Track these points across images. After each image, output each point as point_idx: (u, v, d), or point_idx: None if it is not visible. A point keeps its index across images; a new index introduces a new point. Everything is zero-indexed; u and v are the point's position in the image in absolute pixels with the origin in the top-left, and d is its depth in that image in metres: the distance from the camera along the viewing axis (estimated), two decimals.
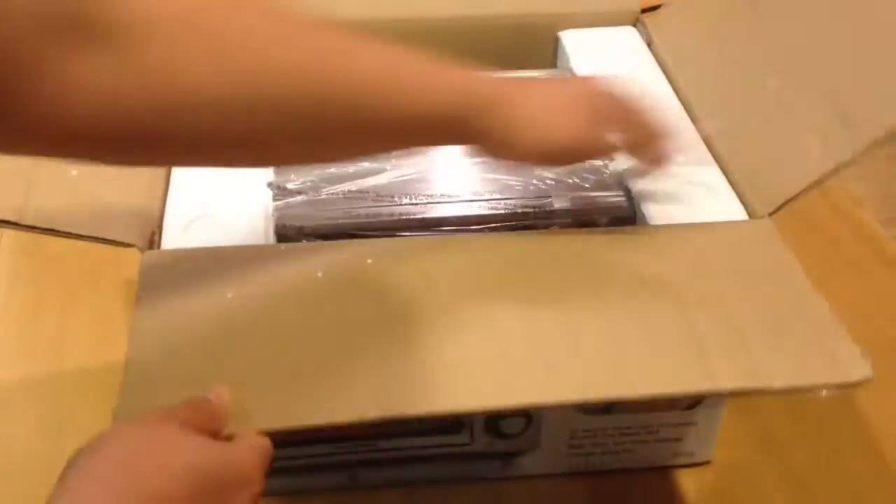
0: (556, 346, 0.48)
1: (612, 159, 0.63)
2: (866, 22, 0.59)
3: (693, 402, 0.59)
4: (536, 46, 0.83)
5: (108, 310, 0.72)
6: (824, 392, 0.47)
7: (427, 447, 0.60)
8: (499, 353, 0.48)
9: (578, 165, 0.65)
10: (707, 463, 0.62)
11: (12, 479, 0.60)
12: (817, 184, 0.56)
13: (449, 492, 0.60)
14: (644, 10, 0.81)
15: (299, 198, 0.62)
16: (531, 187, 0.63)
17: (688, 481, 0.62)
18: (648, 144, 0.56)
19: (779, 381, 0.47)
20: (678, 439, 0.61)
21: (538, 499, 0.61)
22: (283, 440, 0.59)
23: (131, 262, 0.53)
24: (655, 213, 0.60)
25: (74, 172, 0.58)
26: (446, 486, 0.61)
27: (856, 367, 0.47)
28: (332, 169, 0.64)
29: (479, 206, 0.62)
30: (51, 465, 0.64)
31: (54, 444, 0.62)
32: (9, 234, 0.61)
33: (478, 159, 0.66)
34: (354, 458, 0.60)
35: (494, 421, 0.58)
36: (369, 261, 0.53)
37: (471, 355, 0.48)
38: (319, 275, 0.52)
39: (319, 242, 0.58)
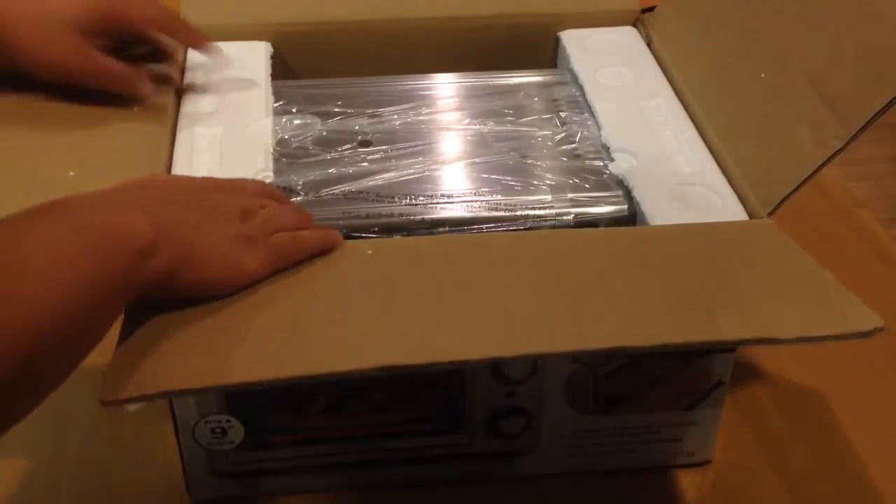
0: (558, 307, 0.48)
1: None
2: (845, 6, 0.59)
3: (693, 402, 0.59)
4: (536, 46, 0.83)
5: None
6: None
7: (427, 447, 0.60)
8: (501, 310, 0.48)
9: (578, 165, 0.65)
10: (707, 463, 0.62)
11: (13, 479, 0.60)
12: (814, 176, 0.56)
13: (449, 492, 0.60)
14: (643, 10, 0.81)
15: (299, 198, 0.62)
16: (531, 187, 0.63)
17: (688, 481, 0.62)
18: None
19: (788, 333, 0.46)
20: (678, 439, 0.61)
21: (538, 499, 0.61)
22: (285, 441, 0.59)
23: None
24: (655, 213, 0.60)
25: (72, 174, 0.58)
26: (446, 486, 0.61)
27: (867, 320, 0.47)
28: (332, 169, 0.64)
29: (479, 207, 0.62)
30: (51, 464, 0.64)
31: (54, 443, 0.62)
32: None
33: (477, 159, 0.66)
34: (354, 458, 0.60)
35: (494, 421, 0.58)
36: (369, 251, 0.53)
37: (473, 310, 0.48)
38: (317, 262, 0.52)
39: None
